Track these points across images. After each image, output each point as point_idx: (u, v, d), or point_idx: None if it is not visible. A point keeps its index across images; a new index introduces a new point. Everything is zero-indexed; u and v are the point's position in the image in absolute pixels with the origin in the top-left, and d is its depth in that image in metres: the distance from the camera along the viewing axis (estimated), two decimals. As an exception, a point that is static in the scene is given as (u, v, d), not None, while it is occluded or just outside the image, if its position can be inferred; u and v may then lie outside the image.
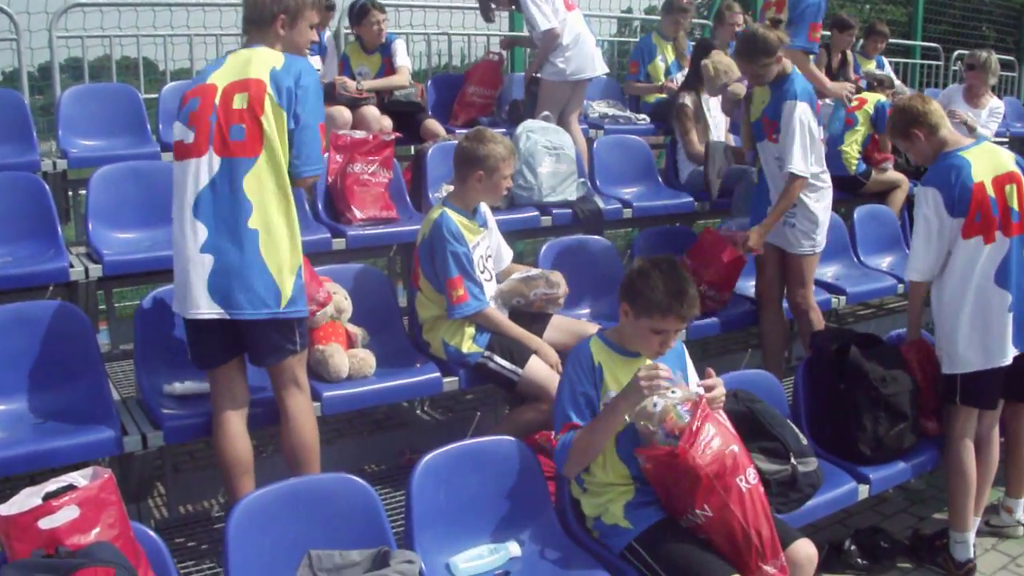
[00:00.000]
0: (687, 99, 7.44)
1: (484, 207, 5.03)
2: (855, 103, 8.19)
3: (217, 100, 3.77)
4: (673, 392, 3.54)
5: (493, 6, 7.55)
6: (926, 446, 4.95)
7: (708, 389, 3.65)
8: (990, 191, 4.64)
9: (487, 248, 5.00)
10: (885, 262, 7.26)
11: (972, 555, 4.90)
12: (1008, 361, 4.71)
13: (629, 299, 3.68)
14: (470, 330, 4.77)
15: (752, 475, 3.54)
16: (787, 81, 5.61)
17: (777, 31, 5.58)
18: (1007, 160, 4.81)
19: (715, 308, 5.90)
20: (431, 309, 4.85)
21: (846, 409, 4.71)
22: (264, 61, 3.81)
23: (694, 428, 3.48)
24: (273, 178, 3.78)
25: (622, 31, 12.36)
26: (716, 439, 3.49)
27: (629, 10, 12.29)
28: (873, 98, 8.23)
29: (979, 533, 5.11)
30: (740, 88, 6.39)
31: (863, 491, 4.62)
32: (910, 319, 5.08)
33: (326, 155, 5.83)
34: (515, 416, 4.76)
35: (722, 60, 6.72)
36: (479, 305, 4.73)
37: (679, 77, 8.35)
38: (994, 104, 8.89)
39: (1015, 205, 4.70)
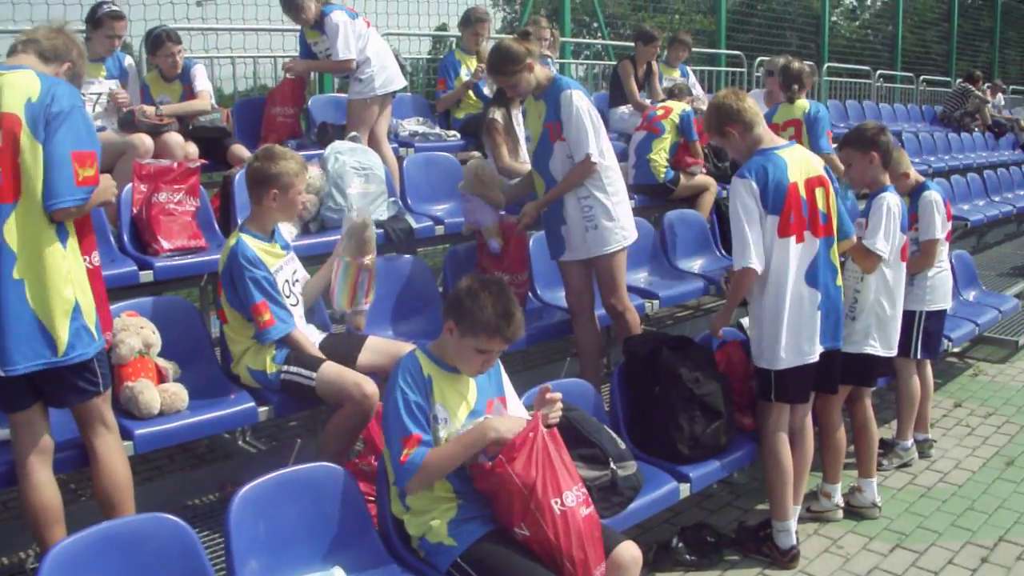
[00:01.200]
0: (497, 114, 7.46)
1: (286, 231, 4.97)
2: (661, 112, 8.38)
3: None
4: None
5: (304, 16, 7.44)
6: (743, 441, 5.10)
7: (547, 405, 3.71)
8: (802, 192, 4.79)
9: (293, 272, 4.94)
10: (696, 264, 7.41)
11: (795, 541, 5.06)
12: (817, 357, 4.87)
13: (456, 317, 3.68)
14: (271, 351, 4.69)
15: (571, 498, 3.57)
16: (555, 81, 5.67)
17: (525, 42, 5.66)
18: (817, 164, 4.98)
19: (523, 294, 5.98)
20: (238, 343, 4.77)
21: (662, 411, 4.81)
22: (20, 89, 3.60)
23: (516, 444, 3.53)
24: (39, 219, 3.60)
25: (437, 48, 12.39)
26: (534, 458, 3.53)
27: (443, 27, 12.31)
28: (678, 107, 8.44)
29: (801, 520, 5.30)
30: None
31: (684, 490, 4.72)
32: (730, 309, 5.18)
33: (130, 185, 5.69)
34: (332, 425, 4.65)
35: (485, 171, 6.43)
36: (286, 328, 4.67)
37: (487, 90, 8.42)
38: (793, 108, 9.19)
39: (823, 208, 4.87)
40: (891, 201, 5.34)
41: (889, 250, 5.29)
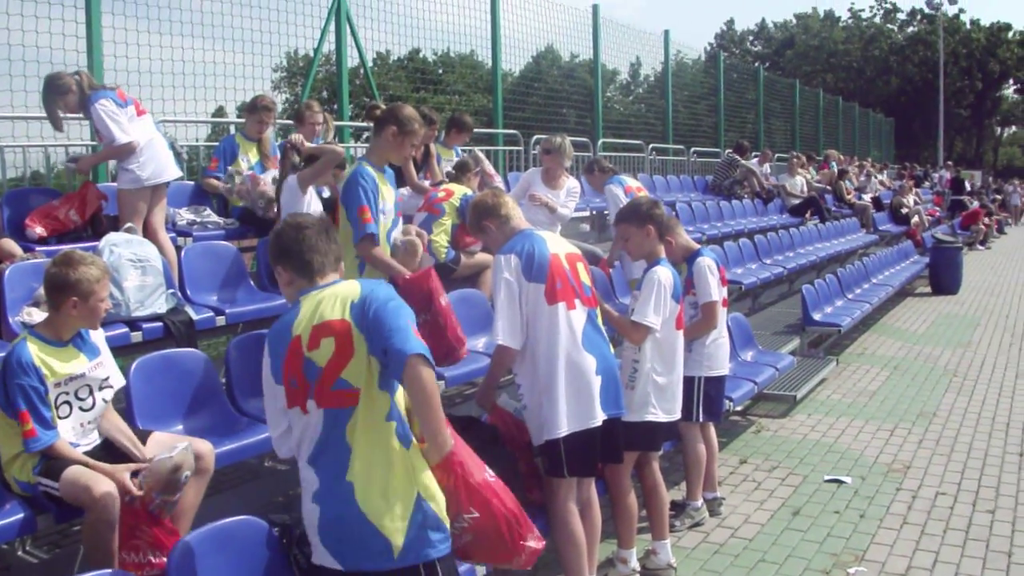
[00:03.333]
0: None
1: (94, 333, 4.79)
2: (443, 194, 8.46)
3: None
4: None
5: (62, 115, 7.21)
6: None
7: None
8: (565, 263, 4.97)
9: (105, 379, 4.78)
10: (480, 343, 7.45)
11: (594, 610, 5.11)
12: (598, 422, 4.96)
13: None
14: (32, 460, 4.48)
15: None
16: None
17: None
18: (572, 246, 5.23)
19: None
20: (8, 446, 4.53)
21: (451, 491, 4.78)
22: None
23: None
24: None
25: (216, 132, 12.20)
26: None
27: (220, 111, 12.11)
28: (460, 190, 8.53)
29: (600, 588, 5.34)
30: None
31: (480, 571, 4.71)
32: (491, 385, 5.25)
33: None
34: (83, 538, 4.43)
35: None
36: (48, 439, 4.44)
37: (268, 178, 8.32)
38: (571, 184, 9.40)
39: (586, 280, 5.04)
40: (661, 275, 5.54)
41: (660, 322, 5.46)
